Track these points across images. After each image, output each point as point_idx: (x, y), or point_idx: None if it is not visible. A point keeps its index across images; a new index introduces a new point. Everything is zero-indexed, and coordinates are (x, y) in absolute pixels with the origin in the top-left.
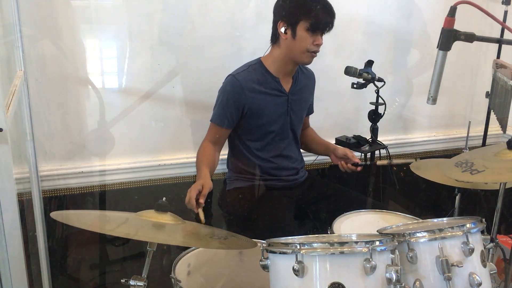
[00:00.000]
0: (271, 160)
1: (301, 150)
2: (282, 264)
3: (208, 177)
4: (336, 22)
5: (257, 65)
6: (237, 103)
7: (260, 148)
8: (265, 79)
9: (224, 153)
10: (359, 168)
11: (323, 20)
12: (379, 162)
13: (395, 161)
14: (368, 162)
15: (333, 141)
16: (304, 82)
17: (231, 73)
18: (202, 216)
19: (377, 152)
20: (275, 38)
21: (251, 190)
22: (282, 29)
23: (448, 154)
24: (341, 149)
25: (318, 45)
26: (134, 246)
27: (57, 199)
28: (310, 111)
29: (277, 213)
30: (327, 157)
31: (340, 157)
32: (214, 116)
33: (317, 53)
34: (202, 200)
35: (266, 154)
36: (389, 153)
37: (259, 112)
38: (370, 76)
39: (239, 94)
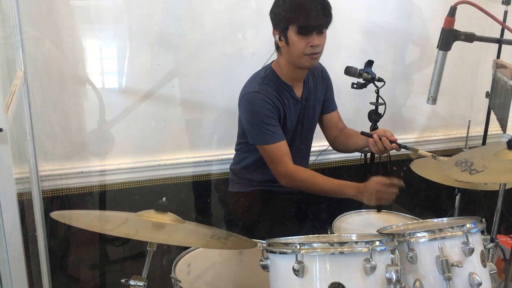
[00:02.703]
0: None
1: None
2: (282, 264)
3: (354, 184)
4: (336, 22)
5: (271, 75)
6: (274, 114)
7: None
8: (281, 89)
9: (225, 152)
10: (393, 145)
11: (312, 20)
12: (420, 152)
13: (440, 158)
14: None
15: None
16: (314, 83)
17: (249, 90)
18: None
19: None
20: (276, 45)
21: (254, 195)
22: (277, 37)
23: (448, 154)
24: (382, 129)
25: (315, 46)
26: (134, 246)
27: (57, 199)
28: (333, 107)
29: (277, 215)
30: (327, 157)
31: (378, 133)
32: (262, 138)
33: (319, 53)
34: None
35: None
36: (389, 153)
37: (282, 122)
38: (370, 76)
39: (271, 105)
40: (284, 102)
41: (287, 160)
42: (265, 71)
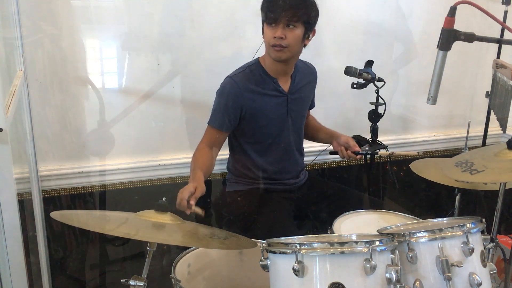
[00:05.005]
0: (272, 163)
1: (303, 147)
2: (282, 264)
3: (202, 180)
4: (336, 22)
5: (255, 66)
6: (235, 105)
7: (260, 151)
8: (263, 80)
9: (225, 152)
10: (358, 157)
11: (276, 11)
12: (381, 153)
13: (397, 153)
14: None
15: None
16: (304, 79)
17: (228, 75)
18: (199, 210)
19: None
20: None
21: (251, 193)
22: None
23: (448, 154)
24: (344, 137)
25: (277, 38)
26: (134, 246)
27: (57, 199)
28: (312, 105)
29: (276, 215)
30: (327, 157)
31: (342, 144)
32: (211, 118)
33: (285, 47)
34: (193, 202)
35: (266, 157)
36: (389, 154)
37: (257, 114)
38: (370, 76)
39: (237, 96)
40: (266, 92)
41: (204, 145)
42: (252, 62)
